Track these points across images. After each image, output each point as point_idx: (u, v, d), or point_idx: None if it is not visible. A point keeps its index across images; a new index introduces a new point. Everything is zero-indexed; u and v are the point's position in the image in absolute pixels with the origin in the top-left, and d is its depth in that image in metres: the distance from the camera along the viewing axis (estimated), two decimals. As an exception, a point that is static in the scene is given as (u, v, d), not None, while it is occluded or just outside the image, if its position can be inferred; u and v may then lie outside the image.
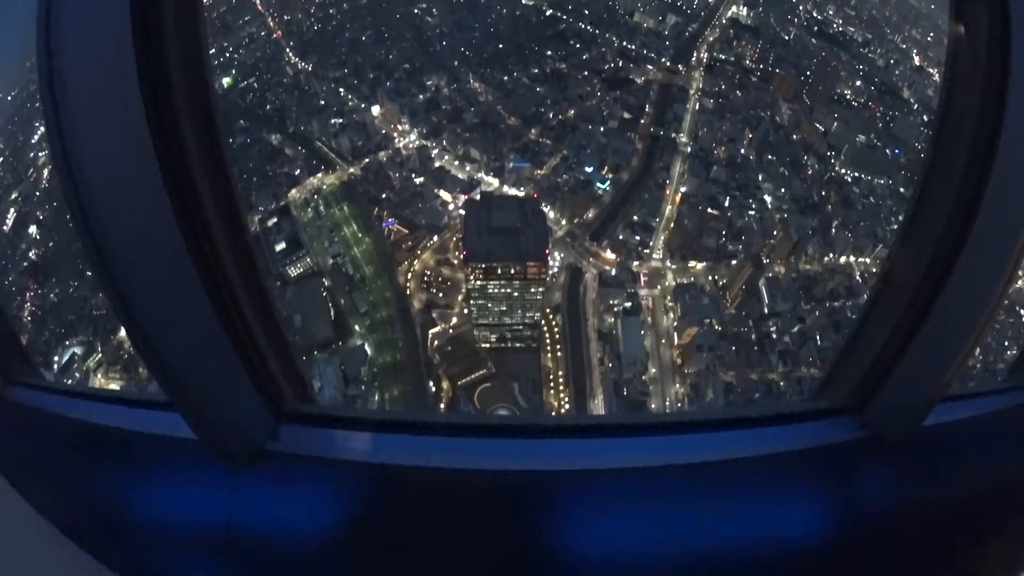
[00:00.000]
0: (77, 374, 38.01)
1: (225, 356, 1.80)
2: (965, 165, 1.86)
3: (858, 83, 56.82)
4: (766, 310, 40.52)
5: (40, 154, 49.33)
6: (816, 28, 62.79)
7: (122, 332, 35.88)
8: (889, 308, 2.15)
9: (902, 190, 48.38)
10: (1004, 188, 1.79)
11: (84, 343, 39.82)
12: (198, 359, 1.77)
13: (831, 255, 44.31)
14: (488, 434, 2.18)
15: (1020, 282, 44.97)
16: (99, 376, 38.33)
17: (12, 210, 47.65)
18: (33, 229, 46.72)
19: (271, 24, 63.53)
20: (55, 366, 38.54)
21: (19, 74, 51.92)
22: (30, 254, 46.00)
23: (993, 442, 2.54)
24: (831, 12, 65.23)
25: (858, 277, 43.42)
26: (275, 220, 44.46)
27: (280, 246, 43.03)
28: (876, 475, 2.26)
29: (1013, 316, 42.26)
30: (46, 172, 48.68)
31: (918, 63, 59.71)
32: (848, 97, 55.63)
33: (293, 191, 47.39)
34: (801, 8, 64.95)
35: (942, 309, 1.95)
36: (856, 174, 49.48)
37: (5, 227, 47.42)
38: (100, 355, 39.24)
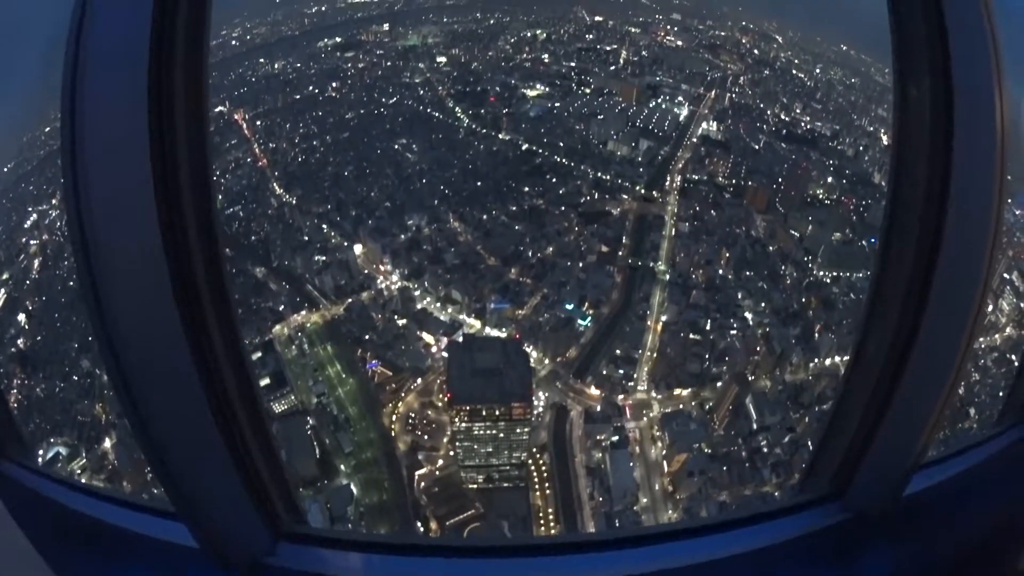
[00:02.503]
0: (62, 473, 39.96)
1: (229, 475, 2.36)
2: (918, 237, 2.34)
3: (829, 179, 69.73)
4: (755, 426, 49.25)
5: (32, 242, 58.03)
6: (785, 131, 77.27)
7: (107, 443, 45.40)
8: (858, 393, 2.69)
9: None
10: (954, 259, 2.26)
11: (69, 445, 45.67)
12: (205, 476, 2.35)
13: (816, 360, 53.81)
14: (479, 555, 2.70)
15: (1009, 329, 54.00)
16: (83, 480, 41.02)
17: (2, 291, 54.79)
18: (22, 317, 53.45)
19: (257, 152, 76.92)
20: (39, 460, 40.56)
21: (16, 148, 63.15)
22: (18, 342, 52.38)
23: (976, 496, 3.09)
24: (798, 111, 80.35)
25: (845, 375, 53.07)
26: (259, 355, 52.52)
27: (264, 381, 49.57)
28: (865, 552, 2.75)
29: (1005, 365, 50.43)
30: (36, 263, 57.18)
31: (887, 142, 72.34)
32: (821, 196, 68.23)
33: (277, 327, 56.57)
34: (769, 113, 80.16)
35: (907, 384, 2.42)
36: (835, 273, 60.40)
37: (-5, 304, 53.63)
38: (84, 460, 45.11)
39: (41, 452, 44.33)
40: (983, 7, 2.33)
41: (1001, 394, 46.23)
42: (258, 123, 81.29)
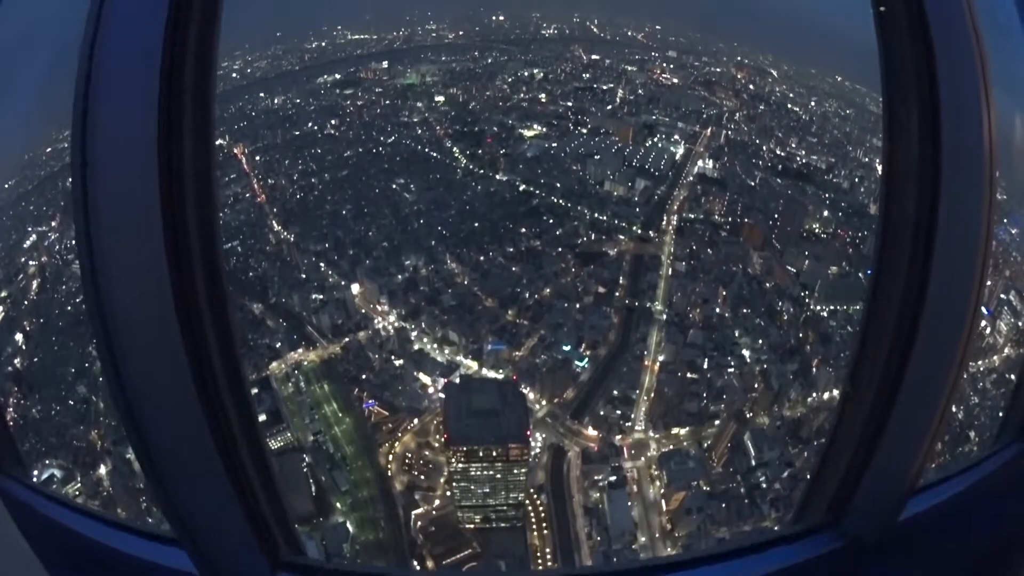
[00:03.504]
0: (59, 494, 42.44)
1: (230, 504, 2.60)
2: (908, 266, 2.54)
3: (825, 213, 73.44)
4: (753, 462, 51.93)
5: (31, 263, 60.24)
6: (781, 166, 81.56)
7: (103, 469, 47.57)
8: (852, 421, 2.93)
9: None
10: (944, 287, 2.42)
11: (64, 468, 47.62)
12: (206, 504, 2.59)
13: (814, 394, 56.62)
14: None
15: (1008, 349, 56.31)
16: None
17: (0, 308, 57.28)
18: (19, 337, 55.76)
19: (256, 187, 79.87)
20: (33, 479, 42.00)
21: (17, 166, 65.70)
22: (15, 361, 54.50)
23: (976, 515, 3.31)
24: (794, 145, 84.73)
25: (843, 408, 55.83)
26: (256, 391, 53.84)
27: (260, 418, 49.53)
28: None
29: (1004, 386, 51.89)
30: (35, 284, 59.40)
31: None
32: (817, 231, 72.02)
33: (274, 364, 59.43)
34: (765, 149, 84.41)
35: (900, 410, 2.61)
36: (832, 307, 63.68)
37: (-7, 320, 56.25)
38: (79, 484, 47.02)
39: (36, 473, 45.42)
40: (972, 32, 2.54)
41: (1001, 415, 49.49)
42: (257, 158, 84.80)
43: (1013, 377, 52.80)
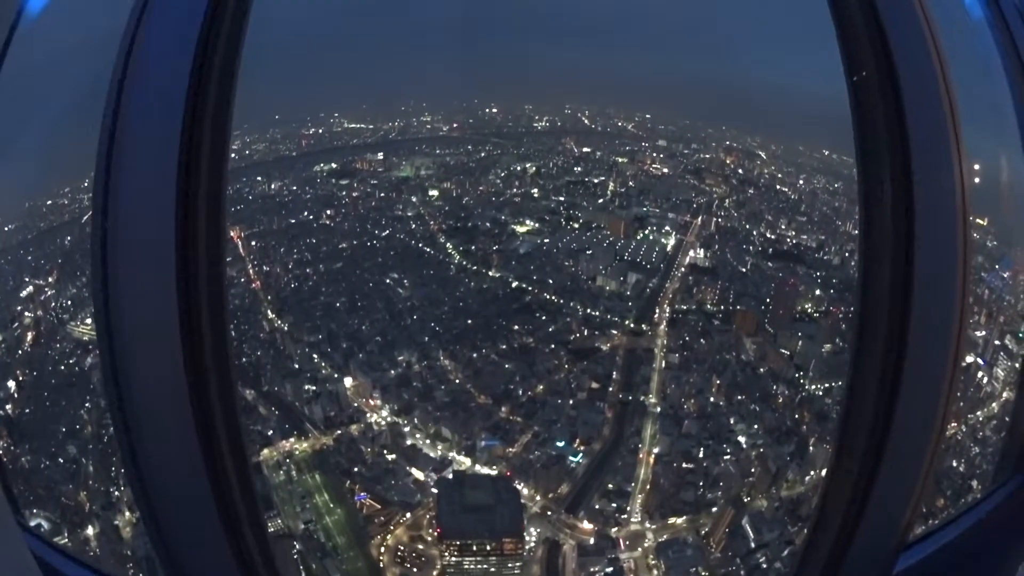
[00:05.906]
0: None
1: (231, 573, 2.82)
2: (887, 329, 2.80)
3: (817, 292, 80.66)
4: (752, 544, 56.57)
5: (27, 314, 64.49)
6: (771, 250, 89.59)
7: (90, 530, 50.61)
8: (839, 485, 3.19)
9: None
10: (923, 344, 2.65)
11: (51, 521, 49.93)
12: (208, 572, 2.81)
13: (812, 472, 61.30)
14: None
15: (1006, 393, 61.89)
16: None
17: None
18: (12, 385, 59.32)
19: (251, 272, 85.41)
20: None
21: (18, 213, 70.53)
22: (7, 406, 57.66)
23: (974, 557, 3.56)
24: (783, 226, 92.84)
25: (841, 482, 60.68)
26: None
27: None
28: None
29: (1004, 430, 57.21)
30: (30, 335, 63.66)
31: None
32: (809, 311, 79.10)
33: (265, 451, 63.45)
34: (755, 233, 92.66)
35: (887, 468, 2.86)
36: (827, 384, 69.25)
37: (-14, 364, 60.06)
38: (67, 540, 49.25)
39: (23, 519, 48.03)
40: (944, 93, 2.92)
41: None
42: (253, 243, 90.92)
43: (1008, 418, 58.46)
